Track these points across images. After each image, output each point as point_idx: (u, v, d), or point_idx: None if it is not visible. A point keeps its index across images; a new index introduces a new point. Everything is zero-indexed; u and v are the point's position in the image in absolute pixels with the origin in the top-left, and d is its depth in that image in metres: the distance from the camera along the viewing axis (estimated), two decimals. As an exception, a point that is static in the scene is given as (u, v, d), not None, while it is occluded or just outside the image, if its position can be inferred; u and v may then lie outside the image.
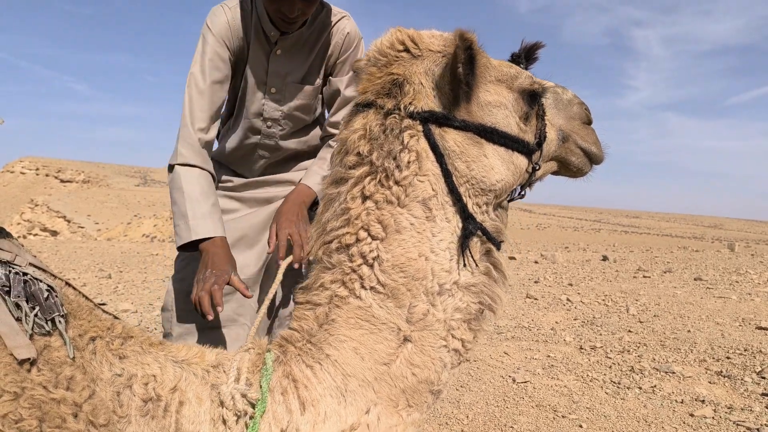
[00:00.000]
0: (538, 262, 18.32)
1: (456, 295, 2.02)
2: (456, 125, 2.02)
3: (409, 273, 1.96)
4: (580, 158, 2.45)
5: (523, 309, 9.85)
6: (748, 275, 13.81)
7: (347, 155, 2.06)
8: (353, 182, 2.02)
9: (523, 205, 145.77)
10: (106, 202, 69.38)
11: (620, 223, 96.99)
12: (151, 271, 14.69)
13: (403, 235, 1.96)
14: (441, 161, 1.99)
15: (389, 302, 1.97)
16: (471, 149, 2.04)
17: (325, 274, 2.05)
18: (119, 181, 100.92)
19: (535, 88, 2.26)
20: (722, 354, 6.78)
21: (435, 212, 2.00)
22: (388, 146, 1.99)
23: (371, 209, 1.98)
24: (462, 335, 2.06)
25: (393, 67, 2.07)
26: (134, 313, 8.94)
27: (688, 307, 9.76)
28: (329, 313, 2.00)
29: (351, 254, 1.99)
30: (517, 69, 2.26)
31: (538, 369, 6.28)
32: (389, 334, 1.97)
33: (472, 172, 2.03)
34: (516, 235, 49.10)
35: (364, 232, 1.98)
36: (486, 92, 2.11)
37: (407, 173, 1.96)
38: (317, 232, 2.13)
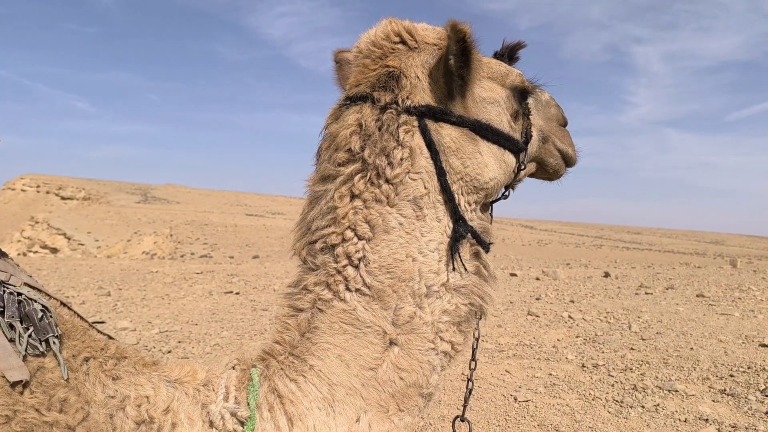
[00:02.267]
0: (539, 278, 18.24)
1: (444, 297, 1.96)
2: (453, 120, 1.97)
3: (395, 274, 1.90)
4: (557, 160, 2.45)
5: (525, 326, 9.78)
6: (750, 292, 13.74)
7: (337, 151, 1.97)
8: (342, 180, 1.93)
9: (524, 221, 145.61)
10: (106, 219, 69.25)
11: (622, 239, 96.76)
12: (150, 289, 14.61)
13: (391, 236, 1.90)
14: (436, 158, 1.92)
15: (375, 304, 1.90)
16: (467, 146, 1.99)
17: (308, 276, 1.97)
18: (120, 198, 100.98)
19: (526, 86, 2.25)
20: (725, 372, 6.72)
21: (426, 211, 1.93)
22: (383, 143, 1.91)
23: (359, 208, 1.91)
24: (451, 337, 2.00)
25: (389, 60, 2.00)
26: (133, 331, 8.88)
27: (690, 324, 9.70)
28: (312, 319, 1.93)
29: (336, 255, 1.91)
30: (507, 67, 2.24)
31: (540, 387, 6.22)
32: (374, 337, 1.90)
33: (467, 169, 1.98)
34: (517, 252, 48.93)
35: (350, 232, 1.91)
36: (481, 88, 2.08)
37: (399, 171, 1.89)
38: (302, 231, 2.04)
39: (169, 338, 8.51)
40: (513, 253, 45.12)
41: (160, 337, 8.59)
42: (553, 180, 2.55)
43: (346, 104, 2.04)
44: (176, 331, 9.05)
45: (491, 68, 2.16)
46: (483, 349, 8.02)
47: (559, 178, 2.55)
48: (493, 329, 9.49)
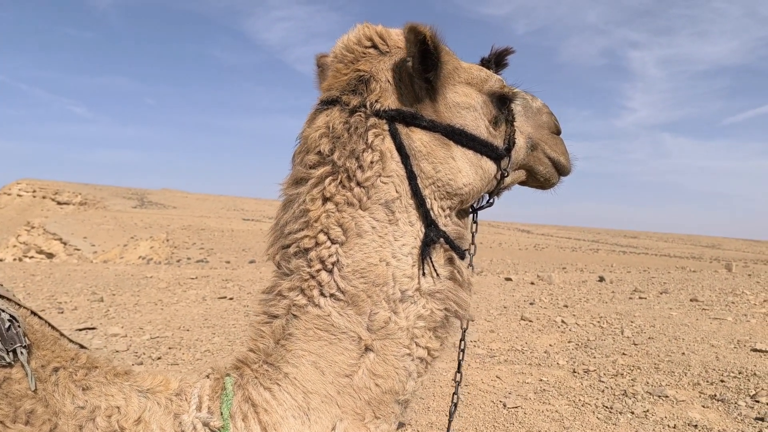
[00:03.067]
0: (534, 283, 18.23)
1: (419, 302, 1.95)
2: (423, 125, 1.96)
3: (369, 279, 1.88)
4: (548, 168, 2.41)
5: (518, 331, 9.77)
6: (744, 296, 13.74)
7: (308, 154, 1.98)
8: (313, 183, 1.93)
9: (521, 225, 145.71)
10: (102, 224, 69.16)
11: (618, 243, 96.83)
12: (144, 294, 14.57)
13: (364, 239, 1.89)
14: (406, 162, 1.92)
15: (349, 310, 1.89)
16: (438, 150, 1.98)
17: (283, 281, 1.96)
18: (116, 203, 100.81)
19: (506, 92, 2.22)
20: (716, 377, 6.71)
21: (398, 215, 1.93)
22: (352, 145, 1.91)
23: (331, 211, 1.90)
24: (427, 343, 1.98)
25: (360, 64, 2.01)
26: (123, 337, 8.85)
27: (683, 328, 9.69)
28: (286, 325, 1.91)
29: (309, 259, 1.90)
30: (487, 72, 2.21)
31: (530, 393, 6.20)
32: (350, 343, 1.89)
33: (438, 174, 1.97)
34: (514, 256, 48.97)
35: (323, 236, 1.90)
36: (454, 93, 2.06)
37: (370, 174, 1.89)
38: (275, 235, 2.03)
39: (159, 344, 8.47)
40: (510, 258, 45.16)
41: (151, 343, 8.56)
42: (546, 189, 2.51)
43: (319, 108, 2.04)
44: (167, 337, 9.02)
45: (470, 73, 2.14)
46: (474, 354, 8.01)
47: (552, 187, 2.51)
48: (485, 334, 9.48)
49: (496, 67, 2.34)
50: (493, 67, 2.34)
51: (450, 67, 2.06)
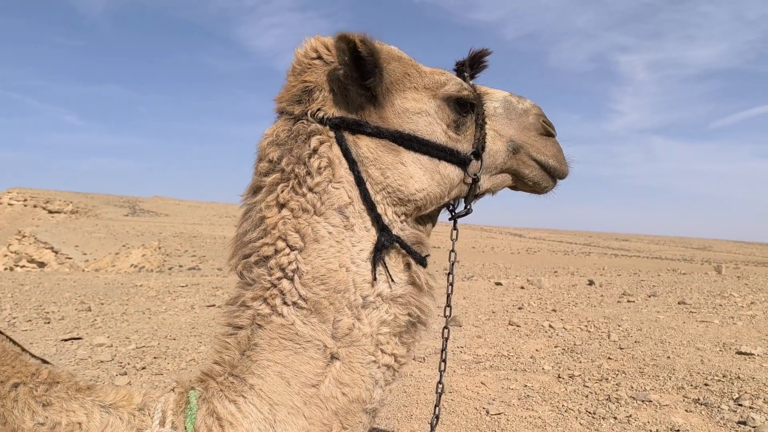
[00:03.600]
0: (524, 287, 18.24)
1: (381, 308, 1.96)
2: (369, 131, 1.98)
3: (330, 285, 1.89)
4: (535, 171, 2.36)
5: (505, 336, 9.77)
6: (732, 298, 13.80)
7: (260, 162, 2.02)
8: (267, 190, 1.96)
9: (513, 229, 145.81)
10: (94, 232, 68.79)
11: (610, 246, 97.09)
12: (132, 303, 14.50)
13: (322, 245, 1.90)
14: (354, 168, 1.95)
15: (313, 318, 1.89)
16: (385, 156, 1.99)
17: (246, 291, 1.97)
18: (108, 211, 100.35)
19: (463, 95, 2.19)
20: (700, 381, 6.73)
21: (353, 221, 1.94)
22: (297, 151, 1.94)
23: (288, 218, 1.92)
24: (393, 350, 1.99)
25: (306, 75, 2.04)
26: (109, 347, 8.79)
27: (669, 332, 9.72)
28: (252, 336, 1.92)
29: (270, 267, 1.92)
30: (448, 77, 2.20)
31: (514, 400, 6.20)
32: (315, 352, 1.89)
33: (388, 180, 1.99)
34: (506, 260, 49.02)
35: (282, 243, 1.91)
36: (404, 99, 2.06)
37: (319, 179, 1.92)
38: (236, 245, 2.05)
39: (145, 354, 8.43)
40: (502, 262, 45.17)
41: (136, 352, 8.51)
42: (540, 193, 2.46)
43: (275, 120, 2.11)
44: (153, 346, 8.97)
45: (430, 78, 2.14)
46: (460, 360, 8.01)
47: (545, 191, 2.46)
48: (472, 340, 9.48)
49: (472, 69, 2.34)
50: (468, 70, 2.33)
51: (398, 73, 2.07)
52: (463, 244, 71.70)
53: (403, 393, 6.47)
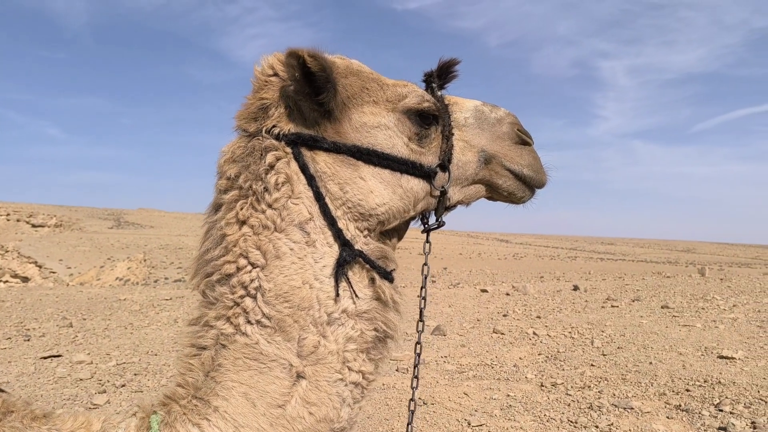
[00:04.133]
0: (509, 294, 18.29)
1: (347, 324, 1.92)
2: (325, 147, 1.96)
3: (294, 302, 1.85)
4: (510, 181, 2.30)
5: (489, 345, 9.76)
6: (714, 301, 13.91)
7: (219, 179, 1.99)
8: (226, 207, 1.93)
9: (499, 235, 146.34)
10: (78, 245, 68.19)
11: (596, 251, 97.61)
12: (115, 318, 14.34)
13: (284, 261, 1.86)
14: (312, 183, 1.92)
15: (277, 336, 1.84)
16: (344, 171, 1.96)
17: (209, 311, 1.91)
18: (92, 224, 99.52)
19: (424, 107, 2.14)
20: (682, 386, 6.75)
21: (314, 236, 1.91)
22: (254, 167, 1.91)
23: (248, 235, 1.88)
24: (360, 367, 1.95)
25: (263, 92, 2.01)
26: (89, 364, 8.67)
27: (652, 337, 9.77)
28: (216, 356, 1.86)
29: (232, 285, 1.87)
30: (410, 89, 2.16)
31: (496, 410, 6.18)
32: (281, 371, 1.84)
33: (347, 195, 1.96)
34: (493, 266, 49.09)
35: (243, 260, 1.87)
36: (361, 113, 2.04)
37: (278, 195, 1.88)
38: (198, 264, 2.00)
39: (125, 371, 8.33)
40: (489, 268, 45.25)
41: (117, 369, 8.40)
42: (517, 203, 2.40)
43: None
44: (134, 362, 8.86)
45: (385, 92, 2.10)
46: (444, 371, 7.98)
47: (522, 201, 2.40)
48: (456, 349, 9.46)
49: (440, 79, 2.29)
50: (437, 81, 2.29)
51: (355, 87, 2.04)
52: (450, 250, 71.84)
53: (384, 406, 6.43)
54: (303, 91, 1.93)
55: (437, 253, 60.41)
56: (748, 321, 11.05)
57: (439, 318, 13.00)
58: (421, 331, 2.38)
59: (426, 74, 2.30)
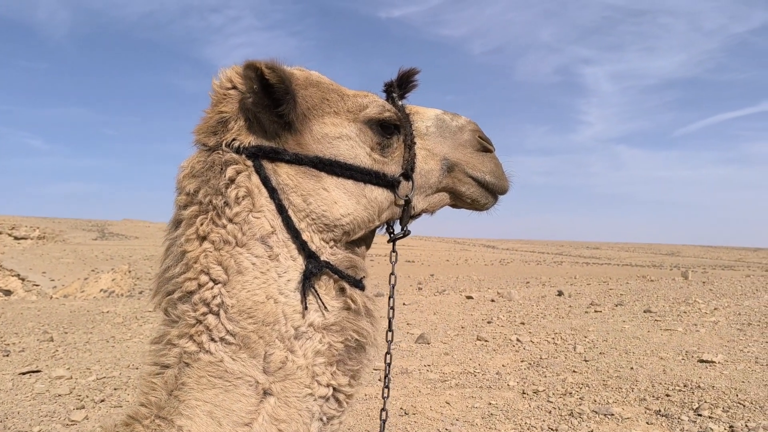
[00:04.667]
0: (494, 300, 18.31)
1: (314, 338, 1.90)
2: (287, 159, 1.94)
3: (258, 318, 1.83)
4: (473, 188, 2.32)
5: (473, 353, 9.76)
6: (696, 305, 14.02)
7: (179, 195, 1.97)
8: (186, 223, 1.91)
9: (486, 241, 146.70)
10: (62, 257, 67.48)
11: (581, 255, 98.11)
12: (97, 331, 14.18)
13: (246, 276, 1.84)
14: (274, 196, 1.90)
15: (242, 353, 1.82)
16: (307, 183, 1.96)
17: (171, 329, 1.88)
18: (76, 235, 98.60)
19: (385, 117, 2.14)
20: (662, 391, 6.79)
21: (277, 250, 1.89)
22: (214, 182, 1.90)
23: (209, 251, 1.86)
24: (330, 380, 1.92)
25: (221, 106, 2.00)
26: (68, 379, 8.55)
27: (634, 342, 9.82)
28: (179, 375, 1.83)
29: (194, 303, 1.84)
30: (370, 99, 2.16)
31: (477, 419, 6.17)
32: (247, 389, 1.81)
33: (311, 206, 1.95)
34: (480, 272, 49.13)
35: (205, 276, 1.84)
36: (322, 124, 2.03)
37: (239, 209, 1.87)
38: (159, 282, 1.97)
39: (105, 385, 8.22)
40: (475, 274, 45.31)
41: (97, 384, 8.30)
42: (480, 210, 2.42)
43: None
44: (114, 377, 8.76)
45: (346, 102, 2.10)
46: (426, 380, 7.96)
47: (485, 208, 2.41)
48: (440, 357, 9.45)
49: (401, 89, 2.29)
50: (397, 91, 2.28)
51: (315, 98, 2.04)
52: (437, 257, 71.89)
53: (366, 416, 6.41)
54: (262, 103, 1.92)
55: (424, 260, 60.38)
56: (728, 324, 11.15)
57: (424, 326, 12.98)
58: (390, 341, 2.37)
59: (386, 84, 2.31)
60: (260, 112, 1.94)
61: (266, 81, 1.87)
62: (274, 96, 1.91)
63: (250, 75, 1.87)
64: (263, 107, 1.93)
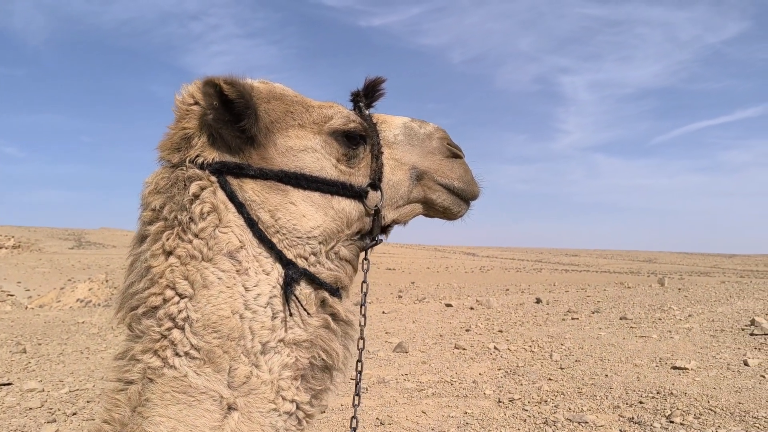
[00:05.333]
0: (473, 308, 18.38)
1: (283, 352, 1.88)
2: (251, 174, 1.93)
3: (223, 333, 1.81)
4: (443, 195, 2.30)
5: (450, 361, 9.78)
6: (671, 312, 14.20)
7: (144, 211, 1.96)
8: (152, 239, 1.90)
9: (466, 248, 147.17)
10: (38, 267, 66.39)
11: (560, 262, 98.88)
12: (71, 342, 13.97)
13: (212, 291, 1.83)
14: (242, 211, 1.90)
15: (207, 368, 1.80)
16: (273, 197, 1.95)
17: (135, 344, 1.85)
18: (52, 244, 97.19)
19: (350, 128, 2.12)
20: (636, 398, 6.86)
21: (246, 264, 1.88)
22: (179, 198, 1.89)
23: (175, 265, 1.84)
24: (294, 396, 1.90)
25: (185, 122, 1.99)
26: (40, 392, 8.41)
27: (609, 349, 9.91)
28: (143, 390, 1.81)
29: (159, 318, 1.82)
30: (335, 110, 2.15)
31: (453, 428, 6.18)
32: (211, 404, 1.79)
33: (279, 221, 1.94)
34: (460, 279, 49.30)
35: (170, 291, 1.83)
36: (286, 137, 2.02)
37: (204, 225, 1.86)
38: (123, 297, 1.94)
39: (78, 398, 8.10)
40: (456, 281, 45.45)
41: (69, 397, 8.17)
42: (453, 218, 2.40)
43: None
44: (88, 389, 8.63)
45: (311, 114, 2.09)
46: (403, 389, 7.96)
47: (458, 216, 2.39)
48: (417, 366, 9.46)
49: (368, 98, 2.28)
50: (364, 100, 2.27)
51: (279, 111, 2.03)
52: (418, 264, 71.98)
53: (342, 427, 6.38)
54: (223, 118, 1.91)
55: (405, 267, 60.34)
56: (702, 331, 11.31)
57: (403, 335, 12.99)
58: (362, 348, 2.34)
59: (353, 94, 2.30)
60: (221, 128, 1.93)
61: (226, 96, 1.87)
62: (234, 111, 1.90)
63: (209, 91, 1.86)
64: (224, 123, 1.92)
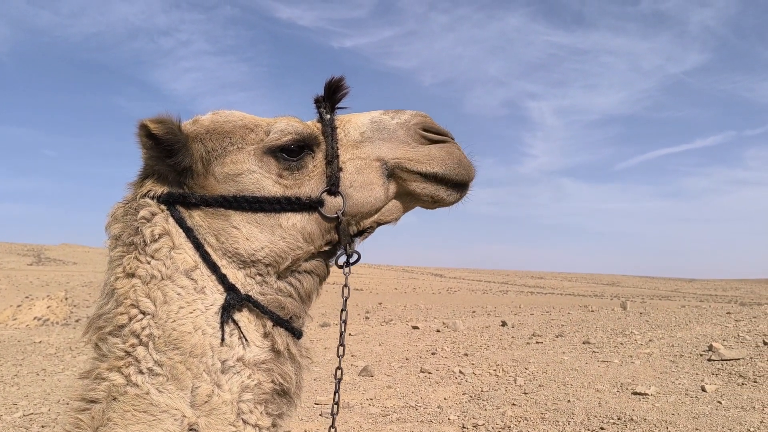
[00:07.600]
0: (440, 330, 18.42)
1: (243, 373, 1.88)
2: (194, 202, 2.00)
3: (185, 349, 1.83)
4: (423, 184, 2.15)
5: (415, 385, 9.77)
6: (632, 336, 14.41)
7: (108, 239, 2.06)
8: (115, 263, 1.97)
9: (434, 269, 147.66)
10: (-7, 283, 64.40)
11: (526, 284, 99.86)
12: (27, 363, 13.59)
13: (172, 306, 1.87)
14: (190, 235, 1.97)
15: (169, 385, 1.80)
16: (216, 222, 2.00)
17: (101, 363, 1.87)
18: (10, 260, 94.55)
19: (284, 142, 2.06)
20: (597, 424, 6.94)
21: (202, 283, 1.92)
22: (133, 224, 1.98)
23: (137, 285, 1.90)
24: (257, 420, 1.89)
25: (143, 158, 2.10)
26: (-7, 416, 8.17)
27: (572, 373, 10.02)
28: (106, 410, 1.79)
29: (124, 335, 1.86)
30: (276, 126, 2.09)
31: (416, 455, 6.18)
32: (172, 423, 1.78)
33: (224, 245, 1.98)
34: (428, 300, 49.40)
35: (135, 309, 1.88)
36: (222, 164, 2.05)
37: (157, 246, 1.93)
38: (91, 319, 1.97)
39: (32, 423, 7.87)
40: (423, 303, 45.50)
41: (22, 421, 7.93)
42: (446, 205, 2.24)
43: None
44: (43, 413, 8.39)
45: (254, 134, 2.08)
46: (368, 414, 7.92)
47: (451, 201, 2.22)
48: (382, 390, 9.43)
49: (330, 101, 2.22)
50: (325, 104, 2.22)
51: (215, 141, 2.06)
52: (385, 285, 71.88)
53: (305, 453, 6.31)
54: (156, 156, 2.00)
55: (373, 288, 60.22)
56: (662, 356, 11.51)
57: (369, 358, 12.94)
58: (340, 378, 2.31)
59: (315, 100, 2.25)
60: (156, 165, 2.03)
61: (155, 135, 1.95)
62: (166, 148, 1.98)
63: (140, 133, 1.97)
64: (157, 160, 2.01)
